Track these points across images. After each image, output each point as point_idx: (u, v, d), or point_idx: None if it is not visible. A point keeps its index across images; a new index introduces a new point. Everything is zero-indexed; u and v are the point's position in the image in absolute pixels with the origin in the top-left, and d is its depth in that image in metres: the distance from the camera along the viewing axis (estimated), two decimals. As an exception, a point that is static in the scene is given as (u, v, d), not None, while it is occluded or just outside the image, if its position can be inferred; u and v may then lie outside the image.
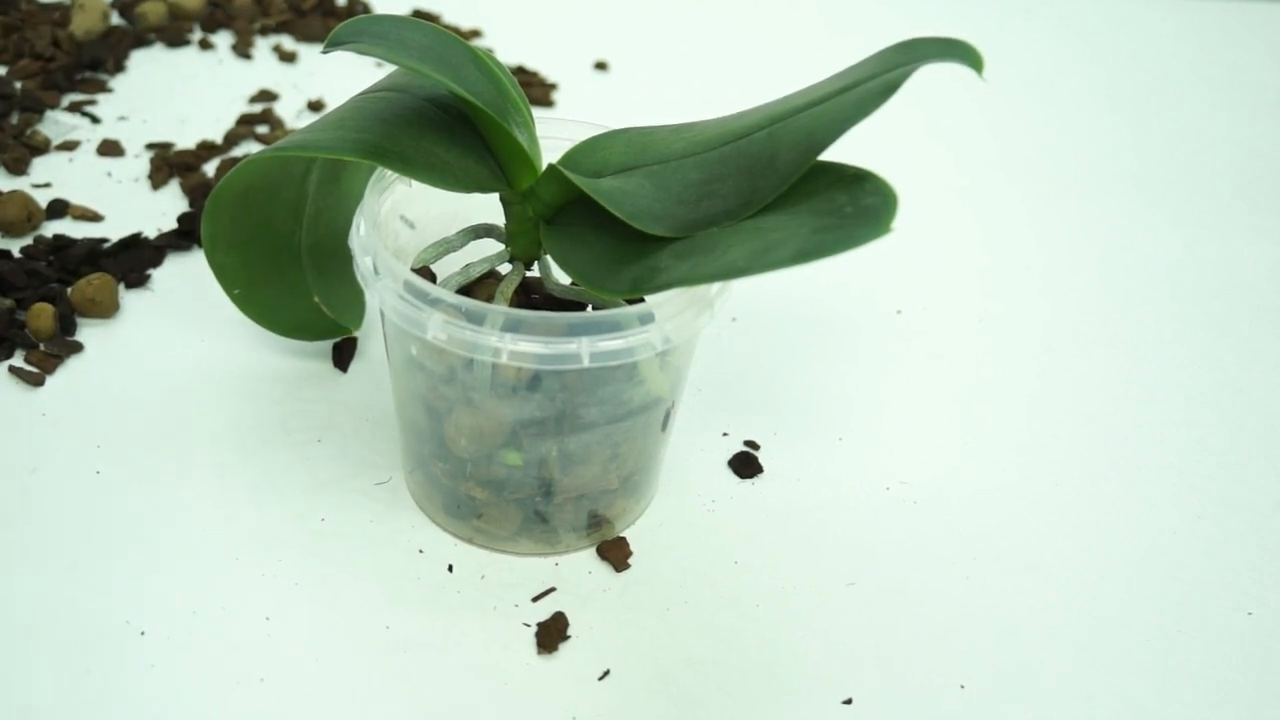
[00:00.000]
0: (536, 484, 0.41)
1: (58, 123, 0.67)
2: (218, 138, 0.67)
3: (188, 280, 0.55)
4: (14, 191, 0.57)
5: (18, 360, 0.50)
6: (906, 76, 0.36)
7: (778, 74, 0.69)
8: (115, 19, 0.79)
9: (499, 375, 0.39)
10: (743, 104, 0.43)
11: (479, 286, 0.44)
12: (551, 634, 0.40)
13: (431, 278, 0.44)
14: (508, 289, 0.42)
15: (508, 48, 0.80)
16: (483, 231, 0.44)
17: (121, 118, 0.68)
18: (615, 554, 0.43)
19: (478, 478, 0.41)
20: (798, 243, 0.34)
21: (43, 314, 0.50)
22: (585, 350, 0.37)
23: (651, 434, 0.43)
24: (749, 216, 0.38)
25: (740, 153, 0.39)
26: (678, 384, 0.43)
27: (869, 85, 0.37)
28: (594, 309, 0.43)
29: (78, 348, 0.51)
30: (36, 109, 0.67)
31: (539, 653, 0.40)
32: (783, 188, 0.37)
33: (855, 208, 0.35)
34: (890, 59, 0.38)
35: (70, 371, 0.50)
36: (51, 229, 0.58)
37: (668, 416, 0.43)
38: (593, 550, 0.44)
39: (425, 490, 0.44)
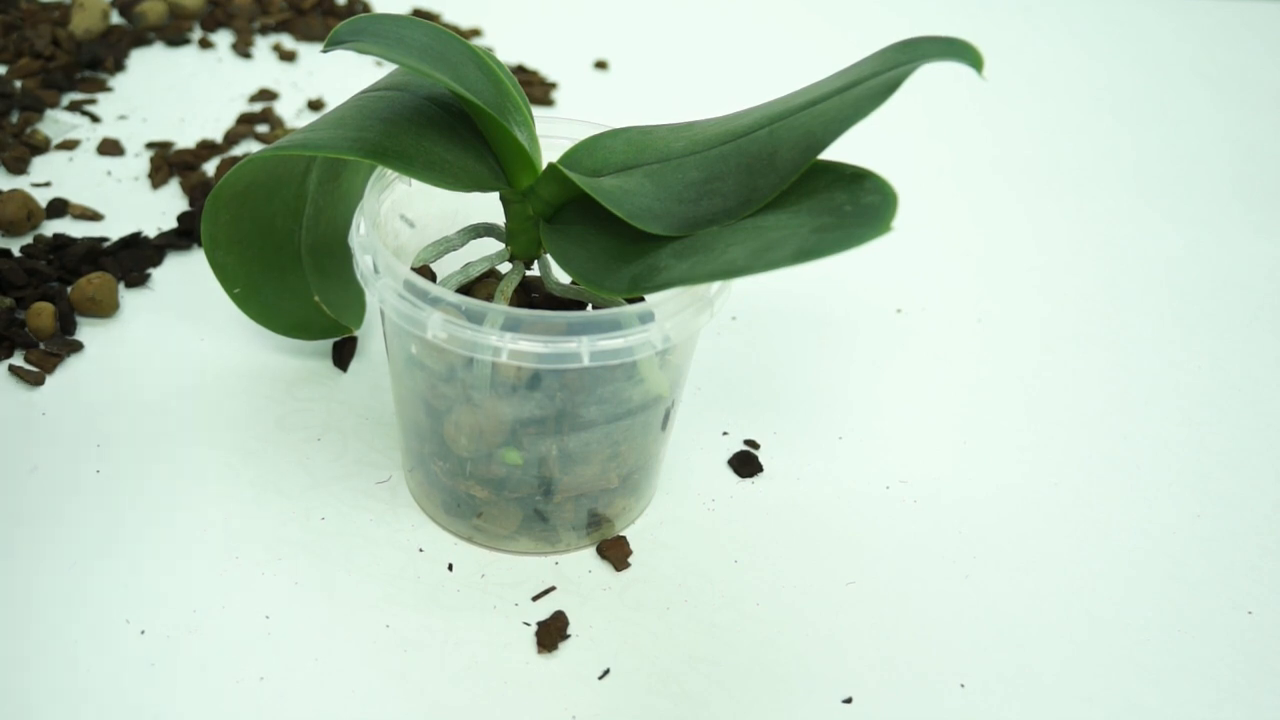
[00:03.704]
0: (536, 483, 0.41)
1: (57, 122, 0.67)
2: (218, 137, 0.67)
3: (188, 279, 0.55)
4: (14, 190, 0.57)
5: (18, 359, 0.50)
6: (906, 76, 0.36)
7: (778, 74, 0.69)
8: (115, 18, 0.79)
9: (499, 374, 0.39)
10: (743, 104, 0.43)
11: (479, 285, 0.44)
12: (551, 633, 0.40)
13: (431, 277, 0.44)
14: (507, 288, 0.42)
15: (508, 47, 0.80)
16: (483, 230, 0.44)
17: (121, 117, 0.68)
18: (615, 553, 0.43)
19: (477, 476, 0.41)
20: (797, 242, 0.34)
21: (42, 313, 0.50)
22: (585, 349, 0.37)
23: (651, 433, 0.43)
24: (749, 215, 0.38)
25: (740, 151, 0.39)
26: (677, 383, 0.43)
27: (869, 84, 0.37)
28: (594, 308, 0.43)
29: (78, 347, 0.51)
30: (36, 108, 0.67)
31: (539, 652, 0.40)
32: (783, 186, 0.37)
33: (855, 207, 0.35)
34: (890, 58, 0.38)
35: (70, 371, 0.50)
36: (51, 228, 0.58)
37: (668, 415, 0.43)
38: (593, 549, 0.44)
39: (425, 489, 0.44)
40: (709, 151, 0.40)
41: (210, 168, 0.64)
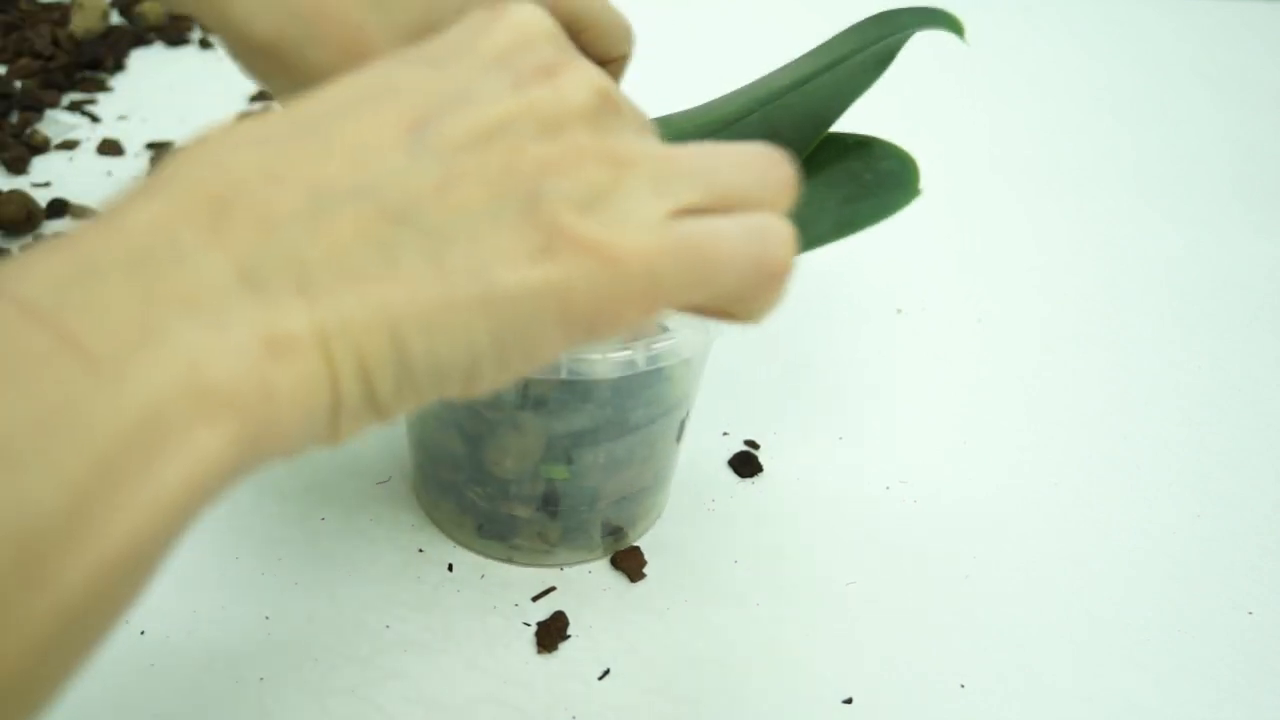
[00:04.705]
0: (580, 494, 0.41)
1: (57, 122, 0.67)
2: (217, 137, 0.67)
3: (187, 280, 0.55)
4: (14, 191, 0.57)
5: (17, 360, 0.50)
6: (900, 45, 0.35)
7: (772, 63, 0.69)
8: (115, 18, 0.79)
9: (531, 389, 0.38)
10: (720, 90, 0.42)
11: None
12: (551, 634, 0.40)
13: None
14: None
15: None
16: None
17: (121, 117, 0.68)
18: (629, 564, 0.43)
19: (521, 496, 0.41)
20: (831, 216, 0.33)
21: (42, 313, 0.50)
22: (640, 355, 0.36)
23: (669, 442, 0.42)
24: None
25: (736, 138, 0.39)
26: (692, 391, 0.42)
27: (860, 58, 0.36)
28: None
29: (77, 347, 0.50)
30: (36, 108, 0.67)
31: (539, 652, 0.40)
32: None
33: (874, 174, 0.34)
34: (869, 31, 0.37)
35: (70, 371, 0.50)
36: (51, 228, 0.58)
37: (682, 426, 0.43)
38: (606, 560, 0.44)
39: (454, 517, 0.43)
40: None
41: (210, 168, 0.64)
